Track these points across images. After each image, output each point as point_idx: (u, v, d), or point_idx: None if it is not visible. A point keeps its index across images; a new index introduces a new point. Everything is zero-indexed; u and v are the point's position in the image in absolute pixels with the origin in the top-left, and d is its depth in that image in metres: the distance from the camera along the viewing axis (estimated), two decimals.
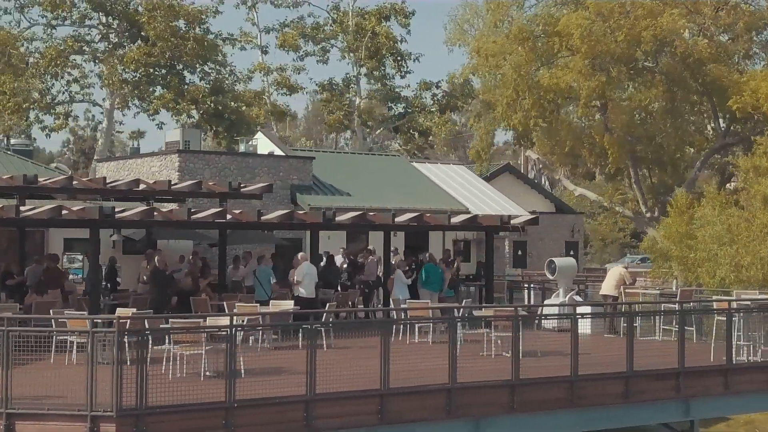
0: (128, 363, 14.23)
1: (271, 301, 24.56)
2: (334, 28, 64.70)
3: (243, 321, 20.95)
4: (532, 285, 40.01)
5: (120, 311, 20.86)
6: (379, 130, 67.69)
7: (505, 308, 22.30)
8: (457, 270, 31.55)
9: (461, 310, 22.99)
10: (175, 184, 30.14)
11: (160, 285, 26.24)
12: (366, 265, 32.86)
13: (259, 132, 48.25)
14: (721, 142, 43.12)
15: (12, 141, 45.84)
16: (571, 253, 55.28)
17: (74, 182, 28.36)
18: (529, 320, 20.85)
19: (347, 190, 45.02)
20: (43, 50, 51.45)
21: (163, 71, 51.52)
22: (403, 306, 25.22)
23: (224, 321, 18.38)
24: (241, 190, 30.79)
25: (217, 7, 54.43)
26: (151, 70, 51.27)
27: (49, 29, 52.75)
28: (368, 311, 25.96)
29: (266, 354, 18.49)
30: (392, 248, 35.39)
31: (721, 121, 41.07)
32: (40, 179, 27.31)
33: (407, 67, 63.73)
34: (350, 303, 29.27)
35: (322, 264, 33.63)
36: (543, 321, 24.76)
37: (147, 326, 15.42)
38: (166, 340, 17.28)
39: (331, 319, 22.08)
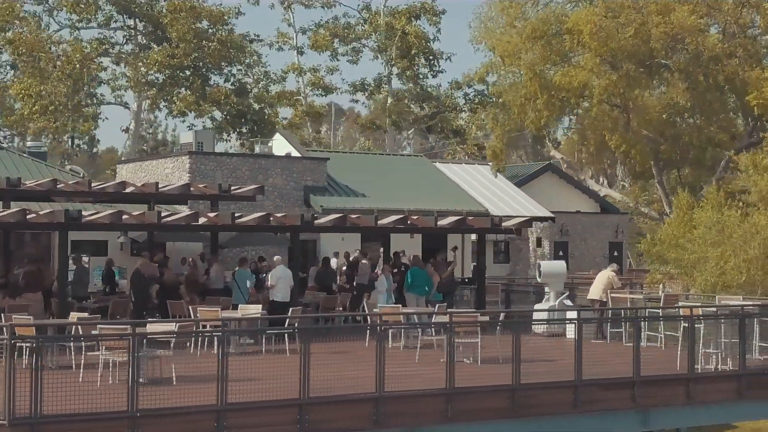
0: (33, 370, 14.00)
1: (240, 306, 24.31)
2: (366, 28, 64.37)
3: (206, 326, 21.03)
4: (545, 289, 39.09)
5: (76, 315, 20.88)
6: (410, 131, 67.24)
7: (466, 313, 21.74)
8: (452, 274, 30.89)
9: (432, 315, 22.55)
10: (164, 186, 29.99)
11: (137, 289, 26.22)
12: (359, 267, 32.46)
13: (277, 133, 48.13)
14: (747, 141, 41.94)
15: (28, 143, 46.12)
16: (615, 253, 54.25)
17: (59, 185, 28.32)
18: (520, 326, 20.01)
19: (363, 191, 44.68)
20: (70, 52, 51.86)
21: (186, 73, 51.62)
22: (377, 311, 24.65)
23: (163, 327, 18.21)
24: (232, 192, 30.57)
25: (239, 8, 54.48)
26: (175, 72, 51.43)
27: (75, 32, 53.23)
28: (331, 316, 25.38)
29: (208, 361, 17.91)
30: (399, 250, 35.09)
31: (743, 119, 39.88)
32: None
33: (439, 66, 63.28)
34: (341, 307, 28.95)
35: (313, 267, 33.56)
36: (533, 326, 24.57)
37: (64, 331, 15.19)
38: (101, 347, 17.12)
39: (296, 324, 21.67)
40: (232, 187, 30.92)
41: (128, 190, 28.78)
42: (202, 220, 24.90)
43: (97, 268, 34.11)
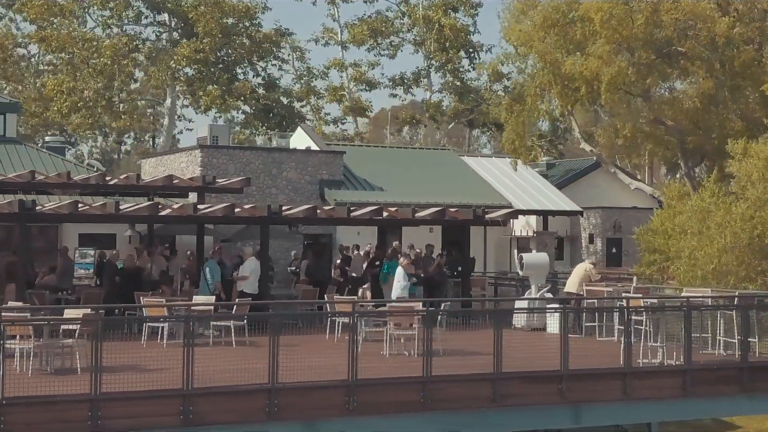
0: None
1: (195, 297, 24.02)
2: (406, 21, 63.81)
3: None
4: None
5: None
6: (451, 125, 66.45)
7: (406, 303, 21.14)
8: (440, 267, 30.20)
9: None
10: (152, 179, 29.92)
11: (106, 278, 26.33)
12: (352, 260, 32.04)
13: (299, 127, 47.88)
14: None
15: (47, 138, 46.63)
16: None
17: (38, 178, 28.39)
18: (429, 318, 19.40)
19: (381, 185, 44.19)
20: (101, 49, 52.33)
21: (212, 68, 51.72)
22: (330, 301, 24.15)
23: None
24: (218, 184, 30.38)
25: (265, 3, 54.34)
26: (203, 67, 51.56)
27: (108, 29, 53.68)
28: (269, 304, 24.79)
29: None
30: (408, 244, 34.54)
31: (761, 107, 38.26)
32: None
33: (479, 59, 62.36)
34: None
35: (304, 260, 33.13)
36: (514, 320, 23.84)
37: None
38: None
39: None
40: (219, 180, 30.74)
41: (113, 182, 28.81)
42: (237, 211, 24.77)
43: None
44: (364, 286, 29.77)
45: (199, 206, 25.59)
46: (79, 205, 23.54)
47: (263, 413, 15.74)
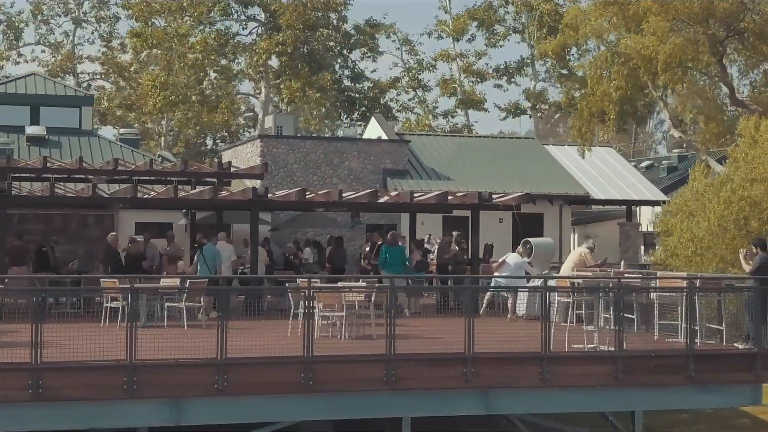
0: None
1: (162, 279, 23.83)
2: (510, 9, 62.47)
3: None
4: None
5: None
6: (558, 114, 64.62)
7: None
8: (454, 255, 29.03)
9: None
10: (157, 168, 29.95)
11: (106, 261, 26.51)
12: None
13: (373, 117, 47.43)
14: None
15: (121, 130, 47.66)
16: None
17: (48, 164, 28.85)
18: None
19: (449, 174, 43.31)
20: (193, 43, 53.22)
21: (296, 61, 51.80)
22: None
23: None
24: (235, 171, 30.19)
25: None
26: (289, 60, 51.73)
27: (199, 26, 54.53)
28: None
29: None
30: (455, 232, 33.61)
31: None
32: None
33: (586, 44, 60.15)
34: None
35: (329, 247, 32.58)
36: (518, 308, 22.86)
37: None
38: None
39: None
40: (241, 167, 30.54)
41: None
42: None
43: None
44: None
45: (344, 193, 25.47)
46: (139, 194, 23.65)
47: (121, 391, 15.31)
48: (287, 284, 20.78)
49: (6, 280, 19.40)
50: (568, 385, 17.32)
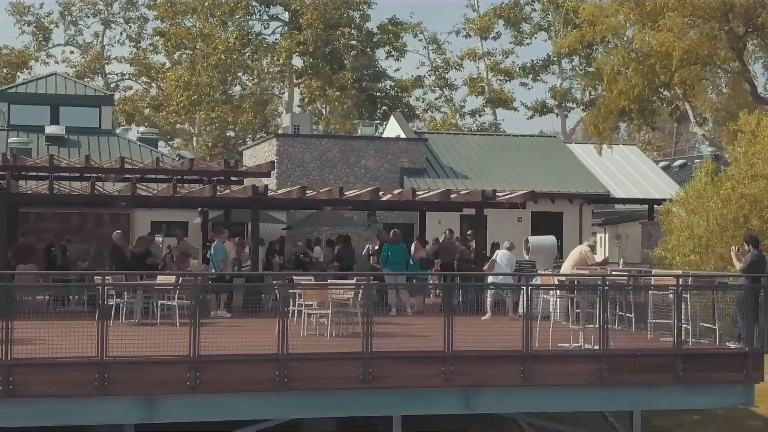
0: None
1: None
2: (537, 6, 62.05)
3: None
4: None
5: None
6: (586, 112, 63.89)
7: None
8: (461, 254, 28.78)
9: None
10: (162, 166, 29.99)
11: (110, 259, 26.54)
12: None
13: (392, 116, 47.24)
14: None
15: (140, 130, 47.87)
16: None
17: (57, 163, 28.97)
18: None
19: (467, 173, 43.04)
20: (216, 43, 53.35)
21: (317, 60, 51.73)
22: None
23: None
24: (240, 169, 30.17)
25: None
26: (311, 59, 51.70)
27: (221, 25, 54.65)
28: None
29: None
30: (469, 231, 33.41)
31: None
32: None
33: (604, 41, 59.56)
34: None
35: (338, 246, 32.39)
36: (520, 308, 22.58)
37: None
38: None
39: None
40: (247, 166, 30.51)
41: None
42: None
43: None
44: None
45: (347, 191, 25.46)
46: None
47: (92, 388, 15.27)
48: (274, 282, 20.65)
49: None
50: (550, 384, 17.02)
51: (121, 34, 67.51)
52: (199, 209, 35.66)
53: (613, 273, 19.46)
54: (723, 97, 37.38)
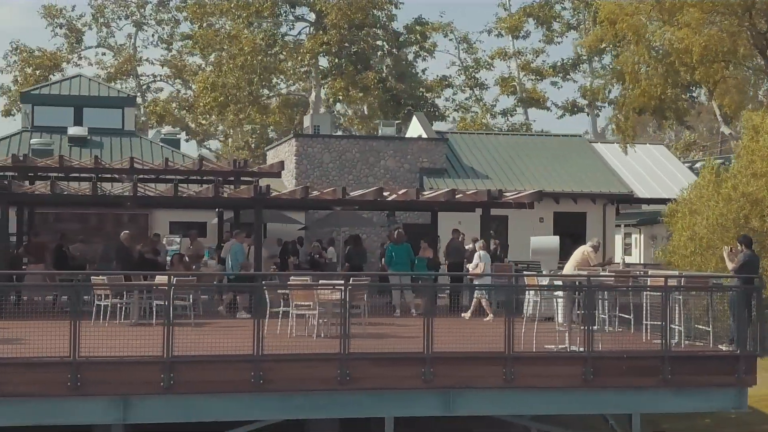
0: None
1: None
2: (568, 5, 61.52)
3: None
4: None
5: None
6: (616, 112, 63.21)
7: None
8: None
9: None
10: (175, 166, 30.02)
11: (120, 262, 26.64)
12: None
13: (414, 116, 46.99)
14: None
15: (163, 131, 48.02)
16: None
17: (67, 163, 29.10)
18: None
19: (488, 173, 42.70)
20: (242, 43, 53.42)
21: (342, 60, 51.65)
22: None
23: None
24: (251, 169, 30.14)
25: None
26: (336, 59, 51.65)
27: (249, 26, 54.72)
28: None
29: None
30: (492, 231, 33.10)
31: None
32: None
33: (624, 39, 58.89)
34: None
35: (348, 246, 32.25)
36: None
37: None
38: None
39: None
40: (258, 165, 30.49)
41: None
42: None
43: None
44: None
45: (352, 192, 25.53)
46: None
47: (65, 388, 15.24)
48: (263, 282, 20.51)
49: None
50: (533, 386, 16.75)
51: (153, 35, 67.95)
52: (217, 210, 35.76)
53: (601, 274, 19.07)
54: (745, 95, 36.74)
